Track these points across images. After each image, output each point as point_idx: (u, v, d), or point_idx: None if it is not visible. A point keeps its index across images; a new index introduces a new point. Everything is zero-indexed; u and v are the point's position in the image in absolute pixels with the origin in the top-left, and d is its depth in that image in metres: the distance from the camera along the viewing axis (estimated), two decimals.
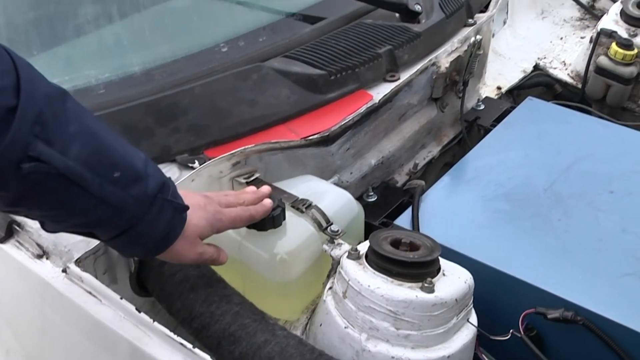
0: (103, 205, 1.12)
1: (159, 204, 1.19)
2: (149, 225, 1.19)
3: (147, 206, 1.17)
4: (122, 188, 1.14)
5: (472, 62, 2.06)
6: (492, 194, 1.76)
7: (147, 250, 1.23)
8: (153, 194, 1.18)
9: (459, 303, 1.32)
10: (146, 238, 1.20)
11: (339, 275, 1.37)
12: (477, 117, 2.20)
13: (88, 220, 1.15)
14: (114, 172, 1.13)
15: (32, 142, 1.01)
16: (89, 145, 1.10)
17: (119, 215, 1.15)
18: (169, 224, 1.22)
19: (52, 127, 1.04)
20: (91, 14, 1.76)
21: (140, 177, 1.17)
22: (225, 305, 1.32)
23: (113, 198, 1.13)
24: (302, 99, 1.75)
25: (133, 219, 1.17)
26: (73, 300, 1.32)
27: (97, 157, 1.11)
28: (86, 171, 1.08)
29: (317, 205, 1.51)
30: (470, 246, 1.59)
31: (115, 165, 1.13)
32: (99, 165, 1.11)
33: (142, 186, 1.17)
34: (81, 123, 1.10)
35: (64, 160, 1.05)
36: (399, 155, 1.99)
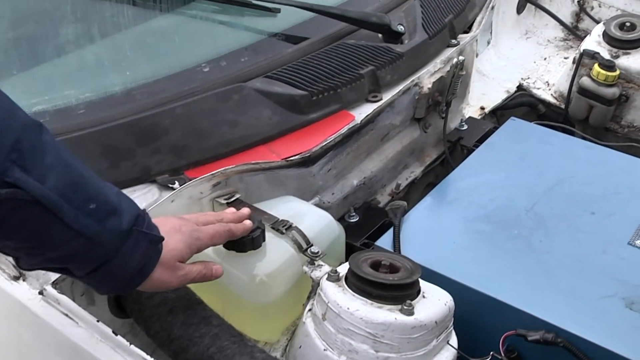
0: (78, 238, 1.12)
1: (134, 237, 1.19)
2: (124, 259, 1.19)
3: (122, 240, 1.18)
4: (98, 221, 1.14)
5: (455, 83, 2.07)
6: (474, 215, 1.77)
7: (123, 284, 1.23)
8: (128, 228, 1.18)
9: (439, 325, 1.32)
10: (121, 272, 1.20)
11: (318, 297, 1.37)
12: (460, 137, 2.21)
13: (63, 253, 1.14)
14: (89, 205, 1.13)
15: (9, 168, 1.02)
16: (65, 177, 1.10)
17: (93, 249, 1.15)
18: (144, 257, 1.22)
19: (29, 156, 1.05)
20: (72, 34, 1.76)
21: (115, 210, 1.17)
22: (204, 327, 1.32)
23: (89, 230, 1.13)
24: (284, 119, 1.75)
25: (108, 253, 1.17)
26: (49, 323, 1.31)
27: (73, 188, 1.11)
28: (63, 201, 1.09)
29: (297, 227, 1.51)
30: (452, 267, 1.59)
31: (91, 198, 1.14)
32: (75, 197, 1.11)
33: (117, 220, 1.17)
34: (58, 155, 1.10)
35: (40, 188, 1.06)
36: (381, 175, 2.00)
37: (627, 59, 2.36)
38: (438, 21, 2.15)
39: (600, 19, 2.74)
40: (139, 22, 1.86)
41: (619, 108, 2.41)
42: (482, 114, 2.43)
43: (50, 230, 1.10)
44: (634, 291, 1.55)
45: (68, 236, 1.12)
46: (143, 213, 1.23)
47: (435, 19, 2.15)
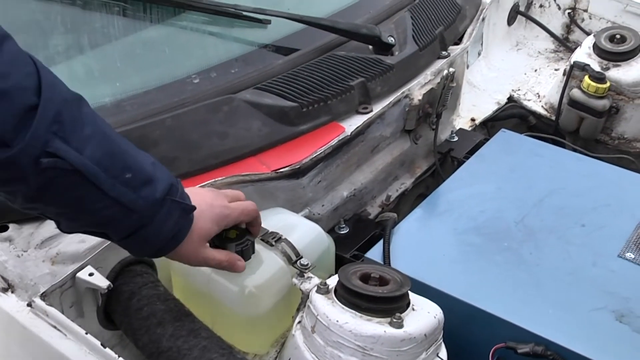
0: (115, 206, 1.18)
1: (167, 206, 1.24)
2: (158, 226, 1.24)
3: (156, 208, 1.22)
4: (133, 189, 1.19)
5: (445, 95, 2.08)
6: (464, 227, 1.77)
7: (156, 250, 1.28)
8: (162, 197, 1.23)
9: (428, 338, 1.32)
10: (155, 238, 1.25)
11: (307, 310, 1.37)
12: (451, 148, 2.21)
13: (100, 219, 1.20)
14: (125, 174, 1.18)
15: (51, 140, 1.08)
16: (103, 147, 1.16)
17: (129, 216, 1.20)
18: (177, 225, 1.27)
19: (69, 128, 1.10)
20: (62, 44, 1.76)
21: (150, 179, 1.22)
22: (193, 339, 1.32)
23: (124, 198, 1.18)
24: (274, 131, 1.76)
25: (143, 220, 1.22)
26: (38, 335, 1.31)
27: (110, 158, 1.16)
28: (100, 170, 1.14)
29: (286, 239, 1.52)
30: (442, 279, 1.60)
31: (127, 167, 1.19)
32: (112, 167, 1.16)
33: (152, 189, 1.22)
34: (96, 126, 1.16)
35: (80, 157, 1.11)
36: (372, 187, 2.00)
37: (618, 71, 2.37)
38: (428, 33, 2.16)
39: (590, 31, 2.75)
40: (129, 33, 1.86)
41: (610, 120, 2.42)
42: (473, 126, 2.44)
43: (89, 197, 1.15)
44: (624, 304, 1.55)
45: (105, 203, 1.17)
46: (176, 182, 1.28)
47: (425, 31, 2.16)
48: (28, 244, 1.45)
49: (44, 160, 1.08)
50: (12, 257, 1.42)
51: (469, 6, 2.44)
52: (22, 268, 1.41)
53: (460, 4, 2.39)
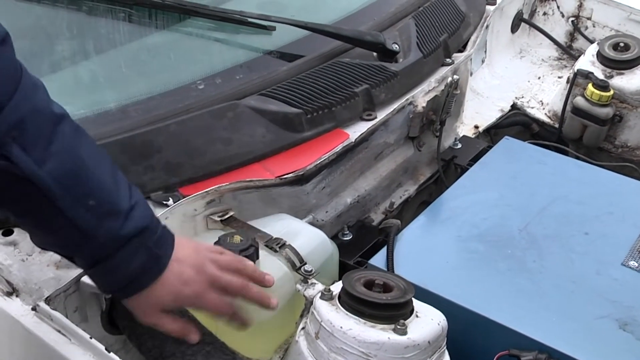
0: (71, 228, 1.15)
1: (134, 247, 1.21)
2: (118, 265, 1.21)
3: (118, 244, 1.19)
4: (96, 218, 1.16)
5: (449, 102, 2.08)
6: (467, 235, 1.77)
7: (121, 287, 1.25)
8: (127, 235, 1.19)
9: (432, 345, 1.33)
10: (116, 276, 1.22)
11: (311, 316, 1.38)
12: (454, 156, 2.22)
13: (59, 240, 1.18)
14: (89, 200, 1.16)
15: (7, 144, 1.07)
16: (67, 167, 1.14)
17: (87, 244, 1.18)
18: (143, 271, 1.23)
19: (31, 139, 1.10)
20: (67, 50, 1.77)
21: (117, 212, 1.19)
22: (197, 345, 1.32)
23: (83, 223, 1.15)
24: (278, 137, 1.76)
25: (102, 253, 1.19)
26: (42, 339, 1.32)
27: (73, 179, 1.14)
28: (57, 187, 1.12)
29: (290, 245, 1.52)
30: (445, 287, 1.60)
31: (91, 194, 1.16)
32: (73, 187, 1.14)
33: (117, 223, 1.19)
34: (69, 147, 1.14)
35: (34, 169, 1.10)
36: (375, 194, 2.01)
37: (621, 79, 2.38)
38: (432, 40, 2.17)
39: (594, 39, 2.75)
40: (134, 38, 1.87)
41: (613, 128, 2.43)
42: (476, 133, 2.44)
43: (44, 213, 1.14)
44: (628, 312, 1.56)
45: (61, 223, 1.15)
46: (156, 227, 1.25)
47: (429, 38, 2.16)
48: (32, 248, 1.45)
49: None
50: (17, 261, 1.43)
51: (473, 14, 2.45)
52: (26, 272, 1.41)
53: (464, 12, 2.39)
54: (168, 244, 1.27)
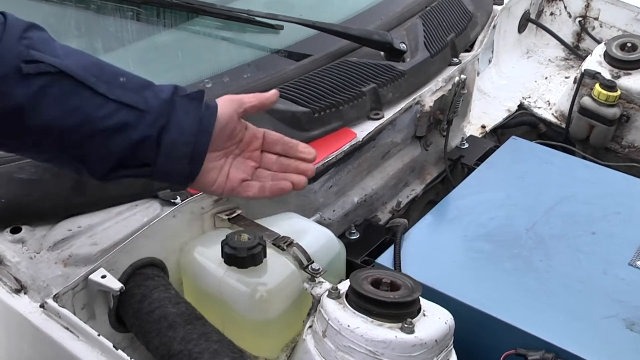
0: (122, 108, 1.16)
1: (180, 103, 1.22)
2: (178, 123, 1.21)
3: (168, 105, 1.20)
4: (134, 92, 1.18)
5: (456, 101, 2.08)
6: (474, 234, 1.77)
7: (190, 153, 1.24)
8: (168, 96, 1.21)
9: (439, 344, 1.32)
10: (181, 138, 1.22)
11: (319, 314, 1.38)
12: (461, 155, 2.22)
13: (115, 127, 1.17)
14: (119, 78, 1.18)
15: (24, 50, 1.10)
16: (85, 59, 1.17)
17: (143, 117, 1.18)
18: (197, 115, 1.24)
19: (40, 43, 1.13)
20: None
21: (146, 84, 1.22)
22: (204, 342, 1.32)
23: (128, 99, 1.17)
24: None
25: (159, 120, 1.19)
26: (50, 336, 1.32)
27: (95, 66, 1.17)
28: (88, 74, 1.14)
29: (298, 243, 1.52)
30: (452, 286, 1.60)
31: (118, 73, 1.19)
32: (101, 72, 1.16)
33: (154, 90, 1.21)
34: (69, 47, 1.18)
35: (62, 61, 1.12)
36: (382, 193, 2.01)
37: (628, 80, 2.37)
38: (440, 40, 2.17)
39: (601, 39, 2.75)
40: (142, 37, 1.87)
41: (620, 128, 2.42)
42: (483, 133, 2.44)
43: (90, 104, 1.14)
44: (635, 312, 1.55)
45: (111, 107, 1.16)
46: (180, 86, 1.26)
47: (437, 38, 2.16)
48: (41, 246, 1.45)
49: (24, 66, 1.09)
50: (25, 258, 1.43)
51: (480, 13, 2.44)
52: (34, 269, 1.41)
53: (472, 11, 2.39)
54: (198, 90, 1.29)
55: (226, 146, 1.33)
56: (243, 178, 1.35)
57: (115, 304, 1.42)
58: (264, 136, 1.39)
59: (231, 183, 1.33)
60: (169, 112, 1.20)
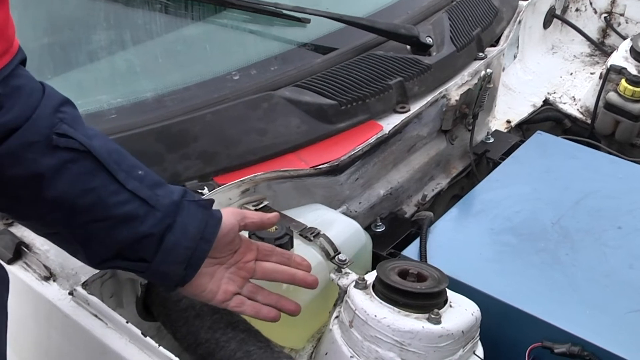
0: (134, 200, 1.17)
1: (187, 207, 1.23)
2: (184, 226, 1.22)
3: (176, 207, 1.21)
4: (148, 187, 1.19)
5: (482, 96, 2.06)
6: (500, 228, 1.76)
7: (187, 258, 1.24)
8: (179, 198, 1.22)
9: (466, 335, 1.31)
10: (183, 241, 1.22)
11: (345, 305, 1.37)
12: (487, 150, 2.20)
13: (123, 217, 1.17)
14: (137, 170, 1.19)
15: (58, 123, 1.12)
16: (110, 144, 1.18)
17: (152, 213, 1.19)
18: (202, 222, 1.25)
19: (73, 120, 1.14)
20: (105, 40, 1.77)
21: (160, 182, 1.22)
22: (231, 332, 1.32)
23: (142, 193, 1.18)
24: (312, 128, 1.76)
25: (166, 219, 1.20)
26: (79, 323, 1.32)
27: (118, 154, 1.18)
28: (110, 159, 1.15)
29: (325, 234, 1.51)
30: (478, 279, 1.58)
31: (137, 165, 1.20)
32: (122, 161, 1.17)
33: (166, 190, 1.22)
34: (97, 131, 1.19)
35: (88, 142, 1.13)
36: (408, 186, 2.00)
37: None
38: (466, 34, 2.16)
39: (626, 35, 2.73)
40: (170, 30, 1.86)
41: None
42: (508, 128, 2.42)
43: (106, 189, 1.16)
44: None
45: (124, 196, 1.17)
46: (189, 190, 1.28)
47: (463, 32, 2.15)
48: None
49: (55, 138, 1.11)
50: (54, 247, 1.42)
51: (506, 8, 2.43)
52: (63, 258, 1.41)
53: (497, 6, 2.38)
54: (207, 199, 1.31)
55: (222, 255, 1.32)
56: (234, 291, 1.34)
57: (142, 293, 1.42)
58: (258, 248, 1.39)
59: (224, 295, 1.32)
60: (175, 213, 1.21)
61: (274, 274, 1.38)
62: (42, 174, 1.11)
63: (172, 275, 1.25)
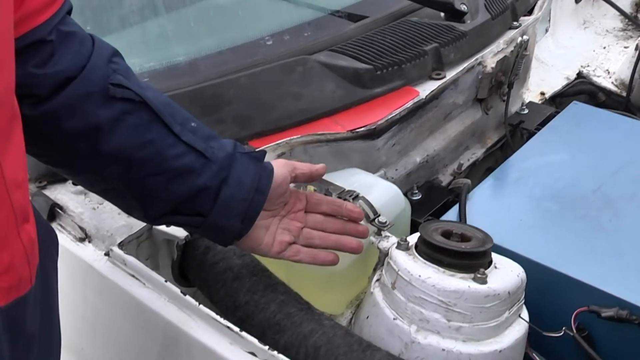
0: (190, 153, 1.14)
1: (240, 160, 1.20)
2: (238, 178, 1.19)
3: (230, 159, 1.18)
4: (202, 139, 1.16)
5: (519, 63, 2.02)
6: (540, 194, 1.71)
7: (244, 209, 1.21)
8: (231, 150, 1.19)
9: (512, 296, 1.26)
10: (239, 194, 1.19)
11: (387, 267, 1.32)
12: (521, 121, 2.15)
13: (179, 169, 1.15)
14: (190, 122, 1.16)
15: (112, 74, 1.08)
16: (162, 96, 1.15)
17: (208, 165, 1.16)
18: (257, 175, 1.22)
19: (125, 71, 1.12)
20: (137, 5, 1.74)
21: (213, 135, 1.19)
22: (270, 294, 1.28)
23: (197, 144, 1.15)
24: (348, 93, 1.72)
25: (222, 172, 1.17)
26: (116, 283, 1.29)
27: (171, 106, 1.15)
28: (165, 111, 1.13)
29: (364, 197, 1.46)
30: (520, 244, 1.53)
31: (189, 118, 1.17)
32: (175, 113, 1.15)
33: (220, 143, 1.19)
34: (148, 84, 1.16)
35: (143, 92, 1.10)
36: (444, 155, 1.96)
37: None
38: (500, 2, 2.13)
39: None
40: None
41: None
42: (542, 100, 2.37)
43: (163, 140, 1.13)
44: None
45: (181, 149, 1.14)
46: (238, 143, 1.24)
47: (497, 0, 2.11)
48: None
49: (111, 88, 1.07)
50: (88, 209, 1.41)
51: None
52: (97, 220, 1.39)
53: None
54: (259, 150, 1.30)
55: (275, 207, 1.29)
56: (289, 241, 1.31)
57: (179, 256, 1.39)
58: (307, 198, 1.35)
59: (279, 246, 1.29)
60: (230, 166, 1.18)
61: (325, 223, 1.35)
62: (100, 126, 1.08)
63: (229, 229, 1.22)
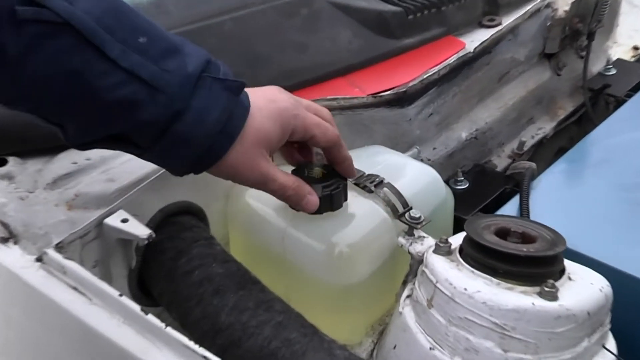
0: (132, 82, 1.14)
1: (207, 87, 1.20)
2: (198, 114, 1.19)
3: (190, 87, 1.18)
4: (153, 60, 1.15)
5: (602, 6, 2.02)
6: (629, 183, 1.71)
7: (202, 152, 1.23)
8: (195, 72, 1.19)
9: (592, 318, 1.24)
10: (199, 132, 1.20)
11: (421, 277, 1.31)
12: (606, 84, 2.17)
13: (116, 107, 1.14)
14: (138, 37, 1.15)
15: None
16: (101, 4, 1.13)
17: (154, 97, 1.15)
18: (225, 112, 1.22)
19: None
20: None
21: (175, 49, 1.19)
22: (264, 313, 1.26)
23: (142, 71, 1.14)
24: (369, 44, 1.74)
25: (175, 104, 1.17)
26: (52, 299, 1.26)
27: (113, 17, 1.13)
28: (101, 30, 1.11)
29: (390, 183, 1.46)
30: (603, 249, 1.52)
31: (139, 29, 1.16)
32: (118, 26, 1.13)
33: (179, 61, 1.18)
34: None
35: (68, 7, 1.09)
36: (499, 129, 1.97)
37: None
38: None
39: None
40: None
41: None
42: (636, 56, 2.38)
43: (93, 68, 1.11)
44: None
45: (118, 77, 1.13)
46: (215, 60, 1.24)
47: None
48: (35, 183, 1.43)
49: (19, 8, 1.06)
50: (14, 199, 1.40)
51: None
52: (27, 213, 1.38)
53: None
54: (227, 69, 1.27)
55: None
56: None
57: (138, 262, 1.38)
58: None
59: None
60: (191, 95, 1.19)
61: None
62: (8, 56, 1.07)
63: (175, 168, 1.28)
